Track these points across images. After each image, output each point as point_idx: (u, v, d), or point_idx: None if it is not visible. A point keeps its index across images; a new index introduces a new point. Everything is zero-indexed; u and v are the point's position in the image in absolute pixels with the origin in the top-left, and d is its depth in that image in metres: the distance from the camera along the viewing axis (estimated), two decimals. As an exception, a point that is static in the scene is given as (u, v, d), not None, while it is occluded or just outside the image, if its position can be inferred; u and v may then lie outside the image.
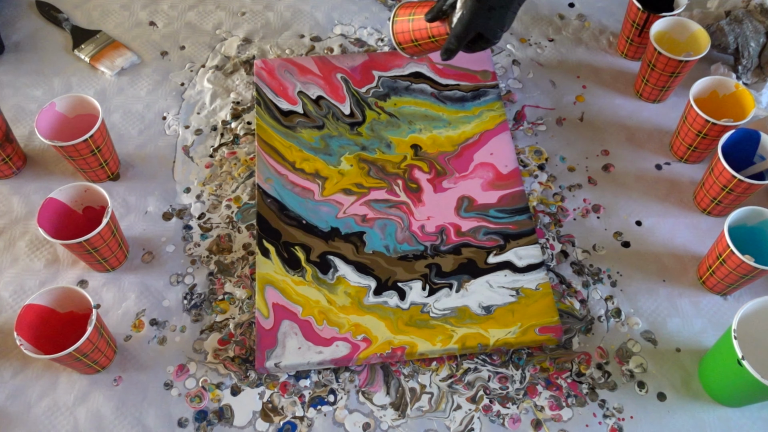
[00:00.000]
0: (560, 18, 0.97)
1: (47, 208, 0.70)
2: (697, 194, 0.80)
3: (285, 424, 0.67)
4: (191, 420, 0.67)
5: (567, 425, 0.67)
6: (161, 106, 0.88)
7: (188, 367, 0.70)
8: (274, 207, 0.77)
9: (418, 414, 0.67)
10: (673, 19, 0.84)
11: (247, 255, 0.76)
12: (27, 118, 0.87)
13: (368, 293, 0.72)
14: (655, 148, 0.85)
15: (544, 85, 0.90)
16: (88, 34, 0.94)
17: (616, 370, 0.70)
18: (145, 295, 0.74)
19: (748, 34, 0.87)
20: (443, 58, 0.72)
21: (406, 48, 0.78)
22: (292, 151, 0.81)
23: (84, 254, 0.70)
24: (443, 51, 0.72)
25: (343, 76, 0.88)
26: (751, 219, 0.71)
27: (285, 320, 0.70)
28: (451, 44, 0.71)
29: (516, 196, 0.78)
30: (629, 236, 0.78)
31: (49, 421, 0.66)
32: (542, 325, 0.70)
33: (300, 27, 0.96)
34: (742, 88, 0.78)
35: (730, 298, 0.74)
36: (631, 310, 0.73)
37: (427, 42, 0.75)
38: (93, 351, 0.65)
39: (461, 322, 0.70)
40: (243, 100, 0.88)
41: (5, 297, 0.74)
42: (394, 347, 0.68)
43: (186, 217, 0.79)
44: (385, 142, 0.82)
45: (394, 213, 0.77)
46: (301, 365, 0.68)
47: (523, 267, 0.73)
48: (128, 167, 0.83)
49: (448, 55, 0.72)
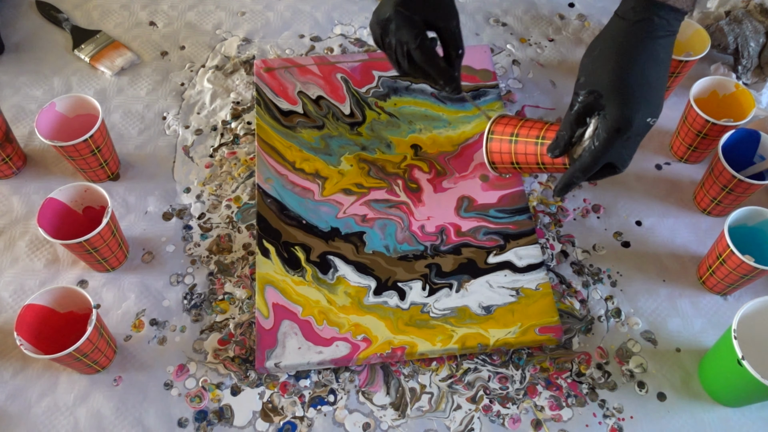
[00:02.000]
0: (560, 18, 0.97)
1: (47, 208, 0.70)
2: (697, 194, 0.80)
3: (285, 424, 0.67)
4: (191, 420, 0.67)
5: (567, 425, 0.67)
6: (161, 106, 0.88)
7: (188, 367, 0.70)
8: (274, 207, 0.77)
9: (418, 414, 0.67)
10: (673, 19, 0.84)
11: (247, 255, 0.76)
12: (27, 118, 0.87)
13: (368, 293, 0.72)
14: (655, 148, 0.85)
15: (544, 85, 0.90)
16: (88, 34, 0.94)
17: (616, 370, 0.70)
18: (145, 295, 0.74)
19: (748, 34, 0.87)
20: (559, 195, 0.65)
21: (499, 168, 0.70)
22: (292, 151, 0.82)
23: (84, 254, 0.70)
24: (563, 187, 0.64)
25: (343, 76, 0.88)
26: (751, 219, 0.71)
27: (285, 320, 0.70)
28: (577, 178, 0.62)
29: (516, 196, 0.78)
30: (629, 236, 0.78)
31: (49, 421, 0.66)
32: (542, 325, 0.70)
33: (300, 27, 0.96)
34: (742, 88, 0.78)
35: (730, 298, 0.74)
36: (631, 310, 0.73)
37: (533, 168, 0.67)
38: (93, 351, 0.65)
39: (461, 322, 0.70)
40: (243, 100, 0.88)
41: (5, 297, 0.74)
42: (394, 347, 0.68)
43: (186, 217, 0.79)
44: (385, 142, 0.82)
45: (394, 213, 0.77)
46: (301, 365, 0.68)
47: (523, 267, 0.73)
48: (128, 167, 0.83)
49: (566, 191, 0.64)
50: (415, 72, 0.69)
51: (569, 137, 0.62)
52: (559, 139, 0.62)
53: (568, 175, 0.63)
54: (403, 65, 0.69)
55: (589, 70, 0.60)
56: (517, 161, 0.68)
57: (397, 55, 0.68)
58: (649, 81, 0.59)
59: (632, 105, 0.58)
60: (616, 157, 0.61)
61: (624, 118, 0.58)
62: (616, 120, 0.58)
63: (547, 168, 0.66)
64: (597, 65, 0.60)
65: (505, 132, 0.68)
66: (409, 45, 0.66)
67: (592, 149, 0.60)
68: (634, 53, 0.58)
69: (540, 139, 0.66)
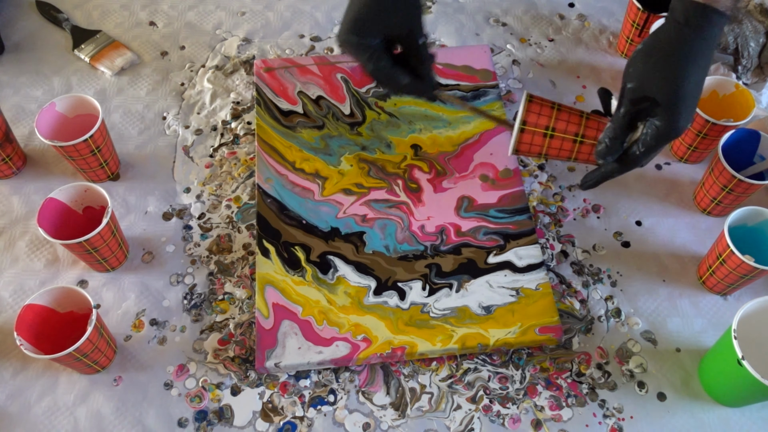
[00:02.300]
0: (560, 18, 0.97)
1: (47, 208, 0.70)
2: (697, 194, 0.80)
3: (285, 424, 0.67)
4: (191, 420, 0.67)
5: (567, 425, 0.67)
6: (161, 106, 0.88)
7: (188, 367, 0.70)
8: (274, 207, 0.77)
9: (418, 414, 0.67)
10: (673, 19, 0.84)
11: (247, 255, 0.76)
12: (27, 118, 0.87)
13: (368, 293, 0.72)
14: (655, 148, 0.85)
15: (544, 85, 0.90)
16: (88, 34, 0.94)
17: (616, 370, 0.70)
18: (145, 295, 0.74)
19: (748, 34, 0.87)
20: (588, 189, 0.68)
21: (521, 154, 0.68)
22: (292, 151, 0.81)
23: (84, 254, 0.70)
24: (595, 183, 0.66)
25: (343, 76, 0.88)
26: (751, 219, 0.71)
27: (285, 320, 0.70)
28: (612, 176, 0.64)
29: (516, 196, 0.78)
30: (629, 236, 0.78)
31: (49, 421, 0.66)
32: (542, 325, 0.70)
33: (300, 27, 0.96)
34: (742, 88, 0.78)
35: (730, 298, 0.74)
36: (631, 310, 0.73)
37: (561, 159, 0.67)
38: (93, 351, 0.65)
39: (461, 322, 0.70)
40: (243, 100, 0.88)
41: (5, 297, 0.74)
42: (394, 347, 0.68)
43: (186, 217, 0.79)
44: (385, 142, 0.82)
45: (394, 213, 0.77)
46: (301, 365, 0.68)
47: (523, 267, 0.73)
48: (128, 167, 0.83)
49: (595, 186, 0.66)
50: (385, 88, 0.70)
51: (621, 144, 0.62)
52: (610, 146, 0.62)
53: (605, 174, 0.64)
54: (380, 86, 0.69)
55: (643, 76, 0.60)
56: (547, 153, 0.66)
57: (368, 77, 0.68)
58: (699, 90, 0.59)
59: (686, 116, 0.59)
60: (651, 159, 0.62)
61: (677, 129, 0.59)
62: (668, 129, 0.59)
63: (578, 161, 0.66)
64: (654, 72, 0.59)
65: (539, 124, 0.65)
66: (366, 69, 0.65)
67: (638, 154, 0.61)
68: (691, 63, 0.58)
69: (579, 137, 0.64)
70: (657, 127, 0.59)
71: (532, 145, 0.66)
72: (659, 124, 0.59)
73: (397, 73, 0.66)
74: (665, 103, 0.58)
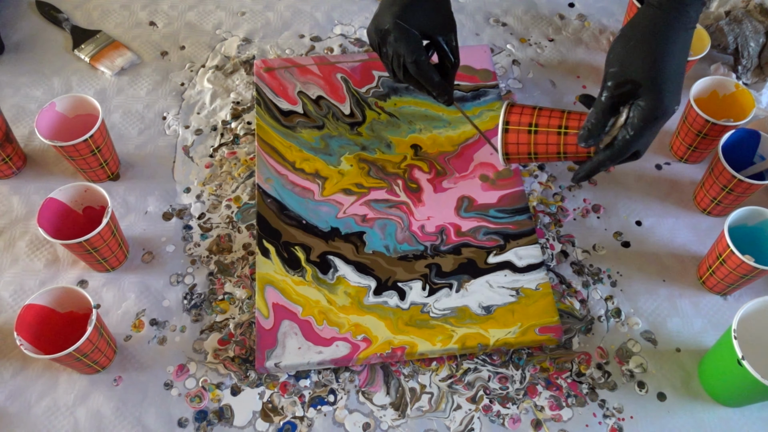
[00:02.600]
0: (560, 18, 0.97)
1: (47, 208, 0.70)
2: (697, 194, 0.80)
3: (285, 424, 0.67)
4: (191, 420, 0.67)
5: (567, 425, 0.67)
6: (161, 106, 0.88)
7: (188, 367, 0.70)
8: (274, 207, 0.77)
9: (418, 414, 0.67)
10: (673, 19, 0.84)
11: (247, 255, 0.76)
12: (27, 118, 0.87)
13: (368, 293, 0.72)
14: (655, 148, 0.85)
15: (544, 85, 0.90)
16: (88, 34, 0.94)
17: (616, 370, 0.70)
18: (145, 295, 0.74)
19: (748, 34, 0.87)
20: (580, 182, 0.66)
21: (512, 159, 0.68)
22: (292, 151, 0.82)
23: (84, 254, 0.70)
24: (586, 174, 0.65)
25: (343, 76, 0.88)
26: (751, 219, 0.71)
27: (285, 320, 0.70)
28: (604, 166, 0.63)
29: (516, 196, 0.78)
30: (629, 236, 0.78)
31: (49, 421, 0.66)
32: (542, 325, 0.70)
33: (300, 27, 0.96)
34: (742, 88, 0.78)
35: (730, 298, 0.74)
36: (631, 310, 0.73)
37: (552, 157, 0.66)
38: (93, 351, 0.65)
39: (461, 322, 0.70)
40: (243, 100, 0.88)
41: (5, 297, 0.74)
42: (394, 347, 0.68)
43: (186, 217, 0.79)
44: (385, 142, 0.82)
45: (394, 213, 0.77)
46: (301, 365, 0.68)
47: (523, 267, 0.73)
48: (128, 167, 0.83)
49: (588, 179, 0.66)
50: (409, 82, 0.72)
51: (603, 127, 0.61)
52: (592, 129, 0.62)
53: (595, 163, 0.64)
54: (398, 75, 0.71)
55: (623, 59, 0.61)
56: (536, 151, 0.66)
57: (393, 65, 0.70)
58: (681, 70, 0.60)
59: (670, 94, 0.59)
60: (643, 145, 0.62)
61: (663, 108, 0.59)
62: (654, 109, 0.59)
63: (568, 157, 0.66)
64: (633, 55, 0.60)
65: (522, 122, 0.66)
66: (406, 58, 0.68)
67: (627, 138, 0.61)
68: (670, 43, 0.60)
69: (563, 129, 0.65)
70: (642, 108, 0.59)
71: (519, 144, 0.66)
72: (643, 104, 0.59)
73: (432, 70, 0.70)
74: (647, 83, 0.59)
